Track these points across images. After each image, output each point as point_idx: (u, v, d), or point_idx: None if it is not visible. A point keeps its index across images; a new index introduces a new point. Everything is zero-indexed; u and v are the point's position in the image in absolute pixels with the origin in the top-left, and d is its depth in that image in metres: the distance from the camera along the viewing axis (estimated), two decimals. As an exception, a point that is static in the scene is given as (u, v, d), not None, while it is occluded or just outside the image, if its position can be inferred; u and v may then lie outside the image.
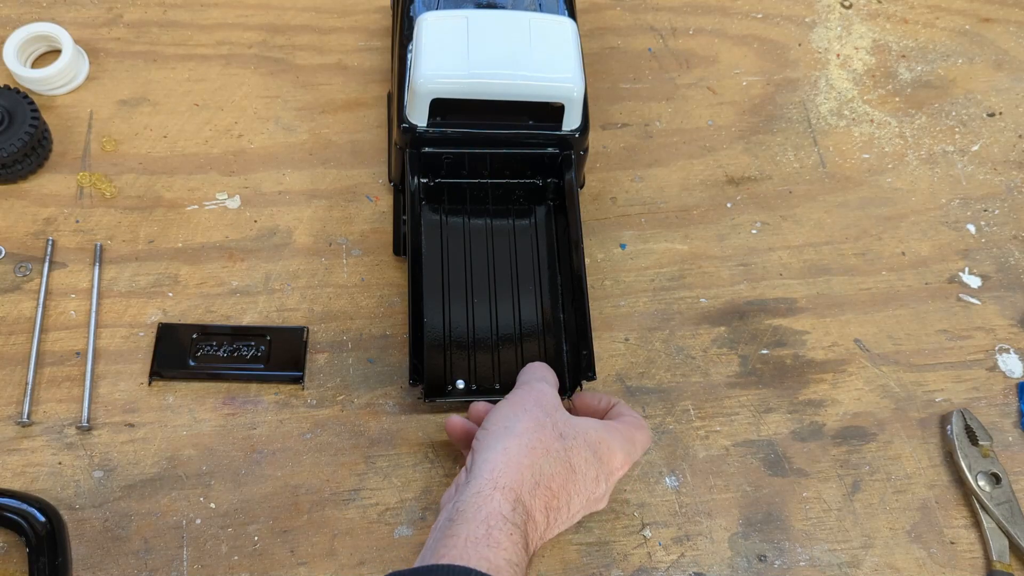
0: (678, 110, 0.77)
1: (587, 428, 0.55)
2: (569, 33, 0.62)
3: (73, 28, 0.74)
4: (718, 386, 0.66)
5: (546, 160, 0.65)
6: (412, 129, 0.62)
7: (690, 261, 0.70)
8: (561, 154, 0.64)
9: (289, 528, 0.59)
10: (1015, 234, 0.73)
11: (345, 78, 0.76)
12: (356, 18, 0.79)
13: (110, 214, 0.69)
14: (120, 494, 0.59)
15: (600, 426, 0.56)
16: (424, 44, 0.60)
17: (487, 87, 0.59)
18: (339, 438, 0.62)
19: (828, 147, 0.76)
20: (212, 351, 0.63)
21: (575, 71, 0.60)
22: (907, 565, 0.61)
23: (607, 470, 0.55)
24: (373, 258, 0.68)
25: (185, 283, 0.67)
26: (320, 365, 0.64)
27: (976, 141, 0.78)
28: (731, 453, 0.64)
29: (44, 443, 0.61)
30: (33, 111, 0.68)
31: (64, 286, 0.66)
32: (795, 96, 0.79)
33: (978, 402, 0.66)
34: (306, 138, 0.73)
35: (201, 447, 0.61)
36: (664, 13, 0.82)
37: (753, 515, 0.62)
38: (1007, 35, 0.83)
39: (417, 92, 0.59)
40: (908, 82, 0.80)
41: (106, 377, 0.63)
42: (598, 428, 0.56)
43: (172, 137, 0.72)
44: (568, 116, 0.62)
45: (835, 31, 0.83)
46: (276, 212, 0.70)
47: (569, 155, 0.64)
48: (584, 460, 0.54)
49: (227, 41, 0.77)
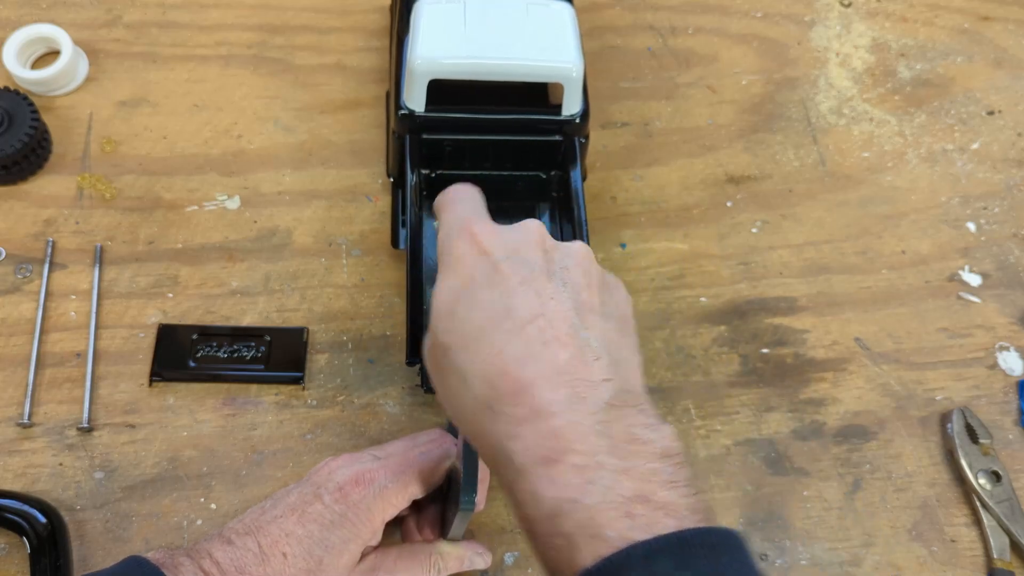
0: (678, 109, 0.77)
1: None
2: (567, 16, 0.62)
3: (72, 29, 0.74)
4: (719, 385, 0.66)
5: (548, 148, 0.64)
6: (410, 114, 0.62)
7: (690, 260, 0.70)
8: (563, 141, 0.64)
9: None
10: (1015, 232, 0.73)
11: (344, 78, 0.76)
12: (355, 18, 0.79)
13: (110, 215, 0.69)
14: (121, 495, 0.60)
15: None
16: (421, 27, 0.60)
17: (485, 67, 0.59)
18: (340, 439, 0.62)
19: (828, 146, 0.76)
20: (212, 352, 0.63)
21: (574, 52, 0.60)
22: (908, 563, 0.61)
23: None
24: (373, 258, 0.68)
25: (185, 284, 0.67)
26: (320, 366, 0.64)
27: (976, 139, 0.78)
28: (732, 452, 0.64)
29: (45, 444, 0.61)
30: (33, 112, 0.68)
31: (64, 287, 0.66)
32: (795, 95, 0.79)
33: (978, 400, 0.66)
34: (305, 138, 0.73)
35: (202, 448, 0.61)
36: (664, 12, 0.82)
37: (754, 514, 0.62)
38: (1006, 33, 0.83)
39: (414, 73, 0.59)
40: (907, 80, 0.80)
41: (106, 378, 0.63)
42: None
43: (171, 138, 0.72)
44: (568, 100, 0.61)
45: (835, 30, 0.82)
46: (276, 212, 0.70)
47: (572, 142, 0.64)
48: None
49: (226, 42, 0.77)
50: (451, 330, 0.41)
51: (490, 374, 0.39)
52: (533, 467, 0.37)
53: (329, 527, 0.49)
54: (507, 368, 0.39)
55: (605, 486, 0.36)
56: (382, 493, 0.50)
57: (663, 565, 0.34)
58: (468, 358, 0.40)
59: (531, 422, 0.38)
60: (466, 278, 0.42)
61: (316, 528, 0.49)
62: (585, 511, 0.36)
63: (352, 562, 0.50)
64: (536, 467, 0.37)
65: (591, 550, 0.35)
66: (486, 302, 0.41)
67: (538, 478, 0.37)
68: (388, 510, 0.51)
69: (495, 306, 0.41)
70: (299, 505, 0.50)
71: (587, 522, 0.35)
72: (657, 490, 0.36)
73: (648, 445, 0.38)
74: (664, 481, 0.36)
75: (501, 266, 0.42)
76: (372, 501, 0.50)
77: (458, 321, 0.41)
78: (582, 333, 0.40)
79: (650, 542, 0.34)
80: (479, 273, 0.42)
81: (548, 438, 0.37)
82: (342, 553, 0.49)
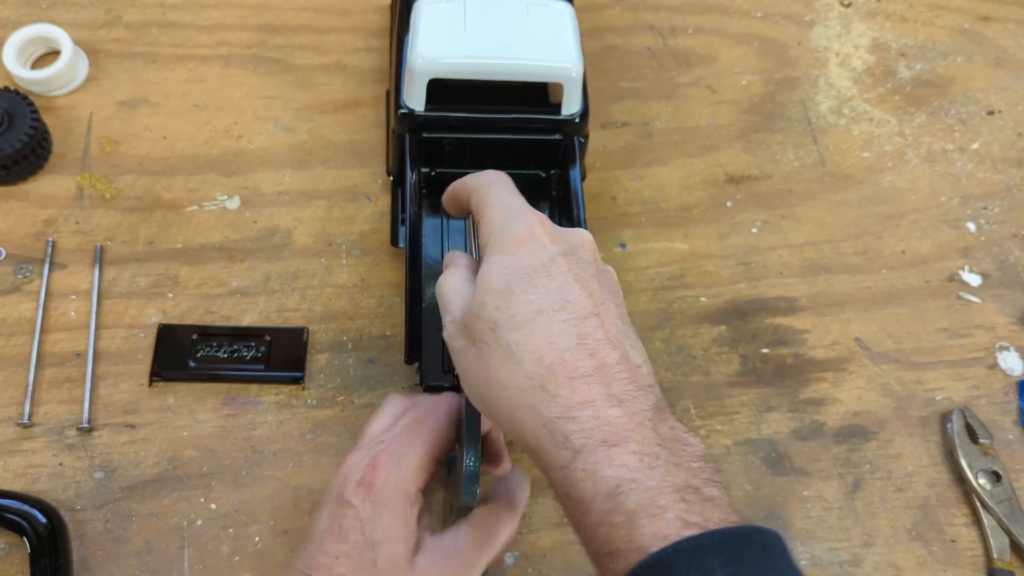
0: (678, 109, 0.77)
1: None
2: (567, 15, 0.62)
3: (72, 29, 0.74)
4: (718, 385, 0.66)
5: (548, 147, 0.64)
6: (410, 113, 0.62)
7: (690, 260, 0.70)
8: (563, 141, 0.64)
9: (290, 529, 0.59)
10: (1015, 232, 0.73)
11: (344, 78, 0.76)
12: (355, 18, 0.79)
13: (110, 215, 0.69)
14: (121, 495, 0.60)
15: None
16: (421, 27, 0.60)
17: (485, 67, 0.59)
18: (340, 439, 0.62)
19: (828, 146, 0.76)
20: (212, 352, 0.63)
21: (574, 52, 0.60)
22: (908, 563, 0.61)
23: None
24: (373, 258, 0.68)
25: (185, 284, 0.67)
26: (320, 366, 0.64)
27: (975, 139, 0.78)
28: (732, 452, 0.64)
29: (45, 444, 0.61)
30: (33, 112, 0.68)
31: (64, 287, 0.66)
32: (795, 95, 0.79)
33: (978, 400, 0.66)
34: (305, 138, 0.73)
35: (202, 448, 0.61)
36: (664, 12, 0.82)
37: (754, 514, 0.62)
38: (1006, 33, 0.83)
39: (414, 72, 0.59)
40: (907, 80, 0.80)
41: (107, 378, 0.63)
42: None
43: (171, 138, 0.72)
44: (568, 99, 0.62)
45: (834, 30, 0.83)
46: (275, 212, 0.70)
47: (572, 141, 0.64)
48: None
49: (226, 42, 0.77)
50: (503, 308, 0.42)
51: (546, 358, 0.41)
52: (593, 448, 0.39)
53: (370, 524, 0.47)
54: (564, 357, 0.41)
55: (661, 472, 0.38)
56: (402, 463, 0.48)
57: (712, 560, 0.35)
58: (521, 337, 0.41)
59: (589, 408, 0.40)
60: (525, 261, 0.44)
61: (357, 535, 0.47)
62: (645, 491, 0.37)
63: (408, 546, 0.47)
64: (596, 448, 0.39)
65: (652, 529, 0.37)
66: (543, 289, 0.43)
67: (599, 458, 0.39)
68: (418, 476, 0.48)
69: (552, 295, 0.42)
70: (333, 524, 0.48)
71: (647, 502, 0.37)
72: (703, 485, 0.38)
73: (689, 447, 0.40)
74: (707, 479, 0.39)
75: (560, 260, 0.44)
76: (397, 475, 0.48)
77: (513, 300, 0.43)
78: (627, 341, 0.43)
79: (700, 537, 0.36)
80: (538, 260, 0.44)
81: (606, 424, 0.39)
82: (393, 543, 0.47)
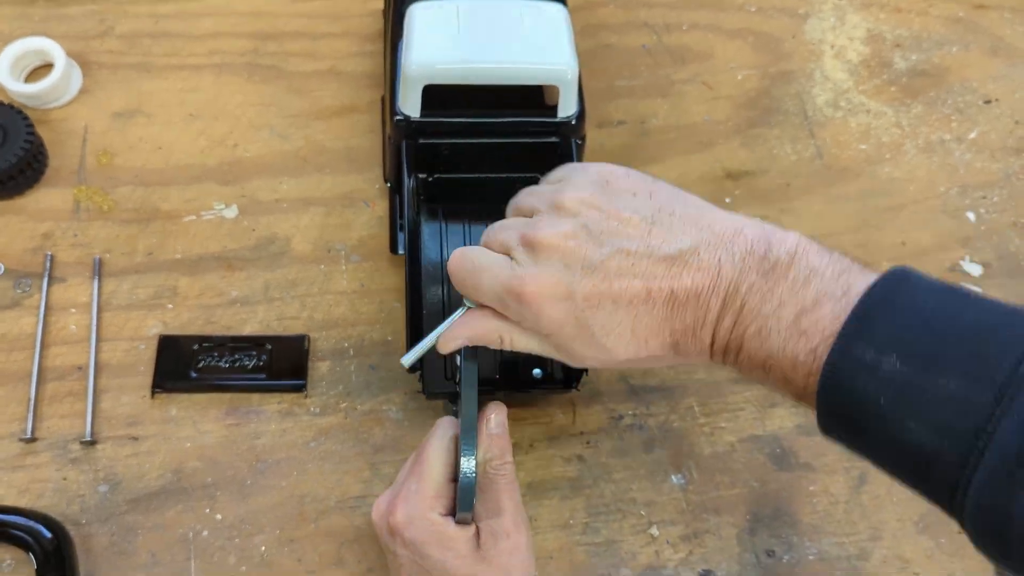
0: (674, 106, 0.77)
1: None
2: (560, 17, 0.62)
3: (65, 41, 0.73)
4: (722, 382, 0.66)
5: (545, 149, 0.64)
6: (406, 120, 0.61)
7: (690, 257, 0.70)
8: (560, 143, 0.64)
9: (296, 537, 0.59)
10: (1014, 220, 0.73)
11: (338, 84, 0.76)
12: (348, 23, 0.79)
13: (108, 227, 0.69)
14: (126, 508, 0.59)
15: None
16: (415, 32, 0.60)
17: (479, 71, 0.59)
18: (343, 446, 0.62)
19: (825, 139, 0.76)
20: (213, 362, 0.63)
21: (568, 53, 0.60)
22: (916, 556, 0.61)
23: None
24: (372, 264, 0.68)
25: (184, 294, 0.66)
26: (322, 373, 0.64)
27: (973, 128, 0.77)
28: (737, 449, 0.63)
29: (48, 459, 0.61)
30: (28, 126, 0.68)
31: (64, 301, 0.66)
32: (791, 88, 0.78)
33: (983, 391, 0.66)
34: (301, 145, 0.73)
35: (205, 459, 0.61)
36: (658, 9, 0.82)
37: (760, 510, 0.61)
38: (1001, 22, 0.83)
39: (409, 79, 0.59)
40: (903, 71, 0.80)
41: (108, 391, 0.63)
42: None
43: (167, 148, 0.72)
44: (564, 101, 0.61)
45: (829, 22, 0.82)
46: (273, 220, 0.70)
47: (569, 143, 0.64)
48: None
49: (219, 50, 0.77)
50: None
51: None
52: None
53: (421, 562, 0.50)
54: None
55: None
56: (413, 500, 0.51)
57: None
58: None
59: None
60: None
61: (413, 569, 0.50)
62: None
63: (462, 553, 0.50)
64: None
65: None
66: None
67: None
68: (436, 503, 0.51)
69: (621, 312, 0.48)
70: (397, 569, 0.51)
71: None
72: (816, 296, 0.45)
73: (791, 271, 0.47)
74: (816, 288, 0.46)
75: (589, 284, 0.48)
76: (415, 513, 0.50)
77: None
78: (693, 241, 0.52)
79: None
80: (575, 315, 0.47)
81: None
82: (448, 562, 0.49)
